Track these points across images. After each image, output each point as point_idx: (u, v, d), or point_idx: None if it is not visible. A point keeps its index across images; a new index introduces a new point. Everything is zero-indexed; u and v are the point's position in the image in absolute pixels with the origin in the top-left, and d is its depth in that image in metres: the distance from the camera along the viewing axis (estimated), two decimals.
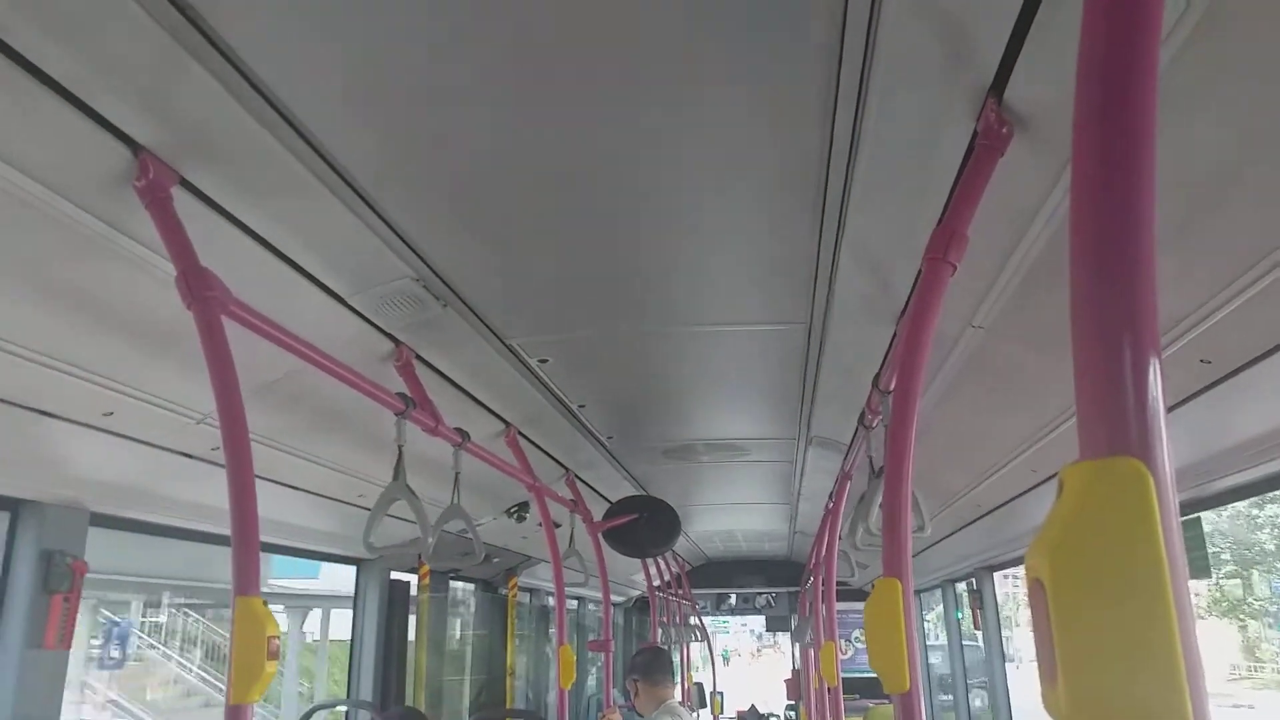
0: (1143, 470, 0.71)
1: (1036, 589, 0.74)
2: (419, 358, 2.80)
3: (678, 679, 9.41)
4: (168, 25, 1.37)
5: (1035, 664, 0.76)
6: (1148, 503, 0.70)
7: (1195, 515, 3.16)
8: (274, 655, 1.65)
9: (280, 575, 14.44)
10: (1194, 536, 3.23)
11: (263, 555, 1.83)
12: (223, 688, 1.73)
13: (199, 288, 1.71)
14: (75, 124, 1.52)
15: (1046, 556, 0.73)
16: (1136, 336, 0.75)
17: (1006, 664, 5.98)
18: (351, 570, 4.93)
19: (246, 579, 1.66)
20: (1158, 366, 0.74)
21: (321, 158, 1.76)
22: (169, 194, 1.70)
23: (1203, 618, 18.06)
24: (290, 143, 1.70)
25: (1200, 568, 3.17)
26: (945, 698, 8.17)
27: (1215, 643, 17.64)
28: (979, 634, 6.05)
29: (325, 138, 1.72)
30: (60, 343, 2.05)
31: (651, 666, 4.81)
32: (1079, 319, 0.78)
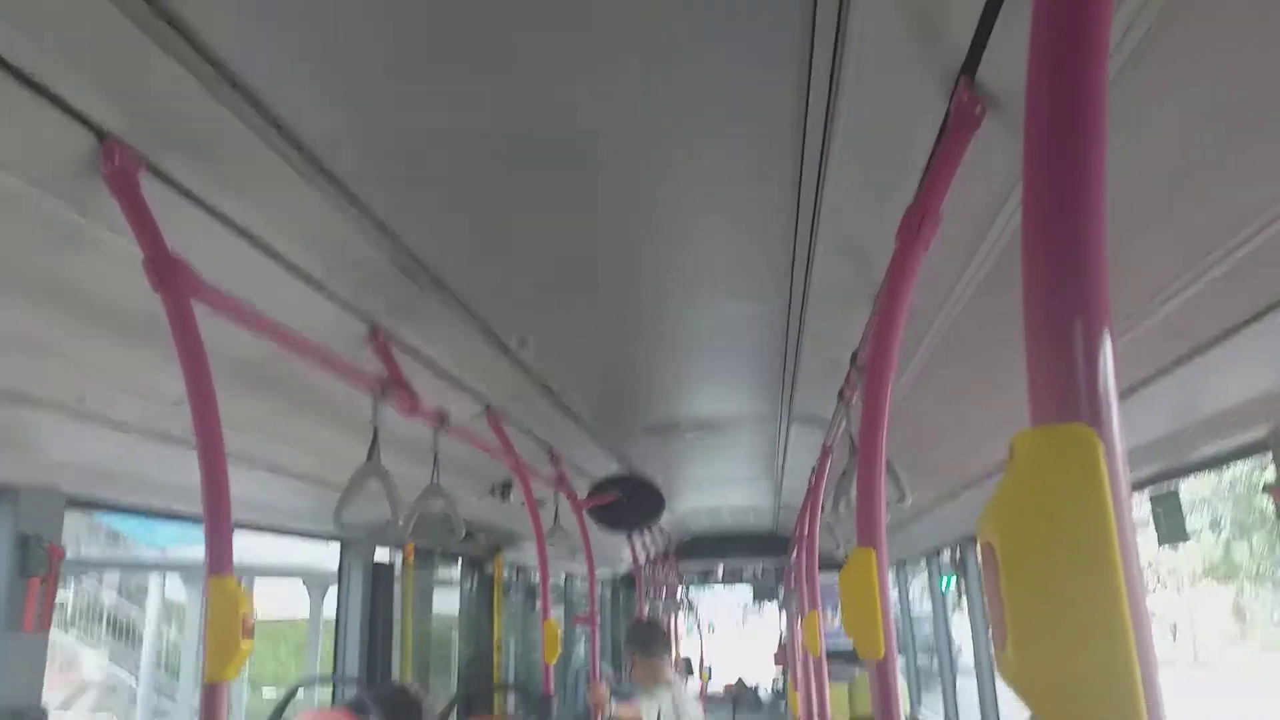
0: (1092, 437, 0.72)
1: (989, 553, 0.75)
2: (396, 340, 2.79)
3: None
4: (129, 10, 1.35)
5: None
6: (1096, 469, 0.71)
7: (1174, 484, 3.19)
8: (249, 633, 1.68)
9: (179, 543, 12.11)
10: (1172, 505, 3.26)
11: (152, 522, 1.86)
12: None
13: (167, 273, 1.69)
14: (38, 111, 1.50)
15: (997, 521, 0.74)
16: (1087, 303, 0.75)
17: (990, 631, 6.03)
18: (280, 541, 4.88)
19: (220, 559, 1.69)
20: (1109, 334, 0.75)
21: (290, 141, 1.74)
22: (136, 180, 1.67)
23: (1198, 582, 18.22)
24: (258, 127, 1.67)
25: (1177, 534, 3.20)
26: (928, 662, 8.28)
27: (1215, 606, 17.79)
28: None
29: (294, 121, 1.70)
30: (31, 328, 2.04)
31: (649, 640, 4.88)
32: (1030, 287, 0.79)
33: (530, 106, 1.73)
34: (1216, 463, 2.89)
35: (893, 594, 7.63)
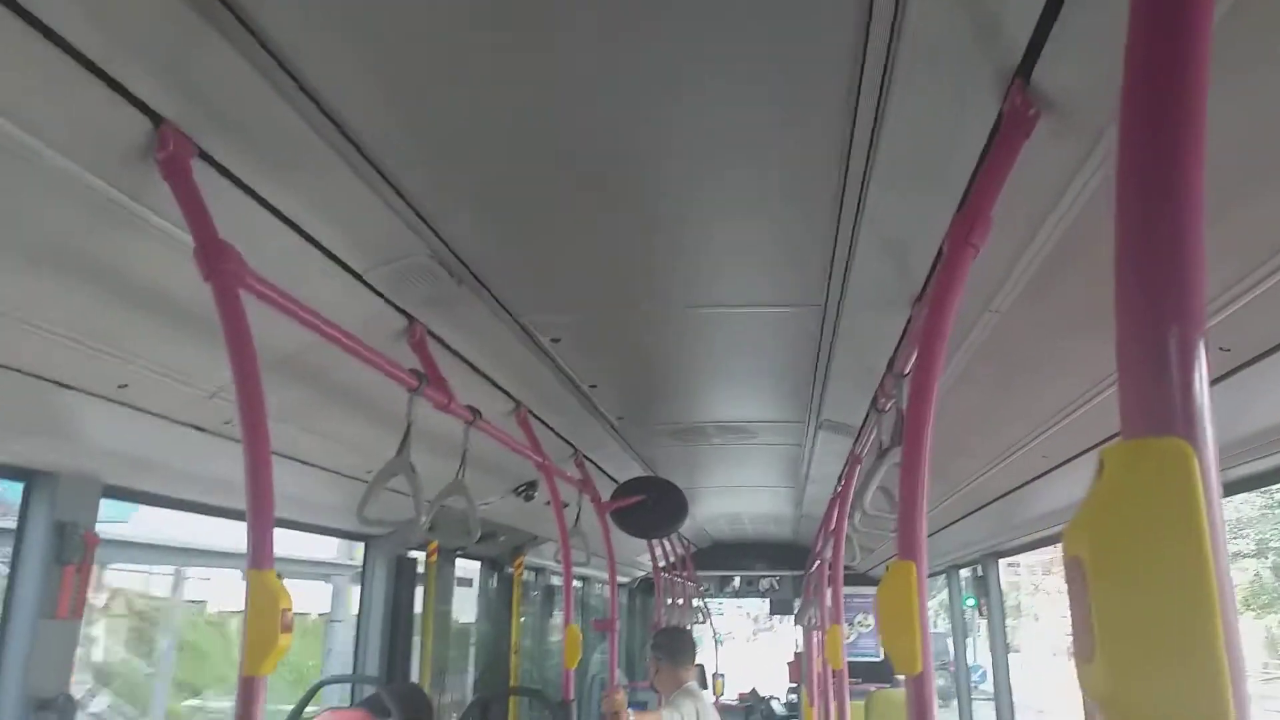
0: (1187, 450, 0.71)
1: (1074, 566, 0.74)
2: (432, 334, 2.80)
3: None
4: None
5: (1071, 644, 0.76)
6: (1192, 483, 0.70)
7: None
8: (287, 628, 1.67)
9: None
10: None
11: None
12: None
13: (217, 260, 1.70)
14: (96, 94, 1.52)
15: (1086, 534, 0.73)
16: (1182, 314, 0.74)
17: (1010, 654, 5.98)
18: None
19: (261, 553, 1.68)
20: (1202, 345, 0.74)
21: (341, 132, 1.76)
22: (188, 166, 1.69)
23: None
24: (310, 116, 1.69)
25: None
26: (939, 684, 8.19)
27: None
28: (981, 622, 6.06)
29: (345, 112, 1.71)
30: (77, 314, 2.06)
31: (676, 647, 4.87)
32: (1123, 297, 0.78)
33: (573, 107, 1.74)
34: (1260, 482, 2.85)
35: None
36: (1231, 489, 2.97)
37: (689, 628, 9.71)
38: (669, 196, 2.11)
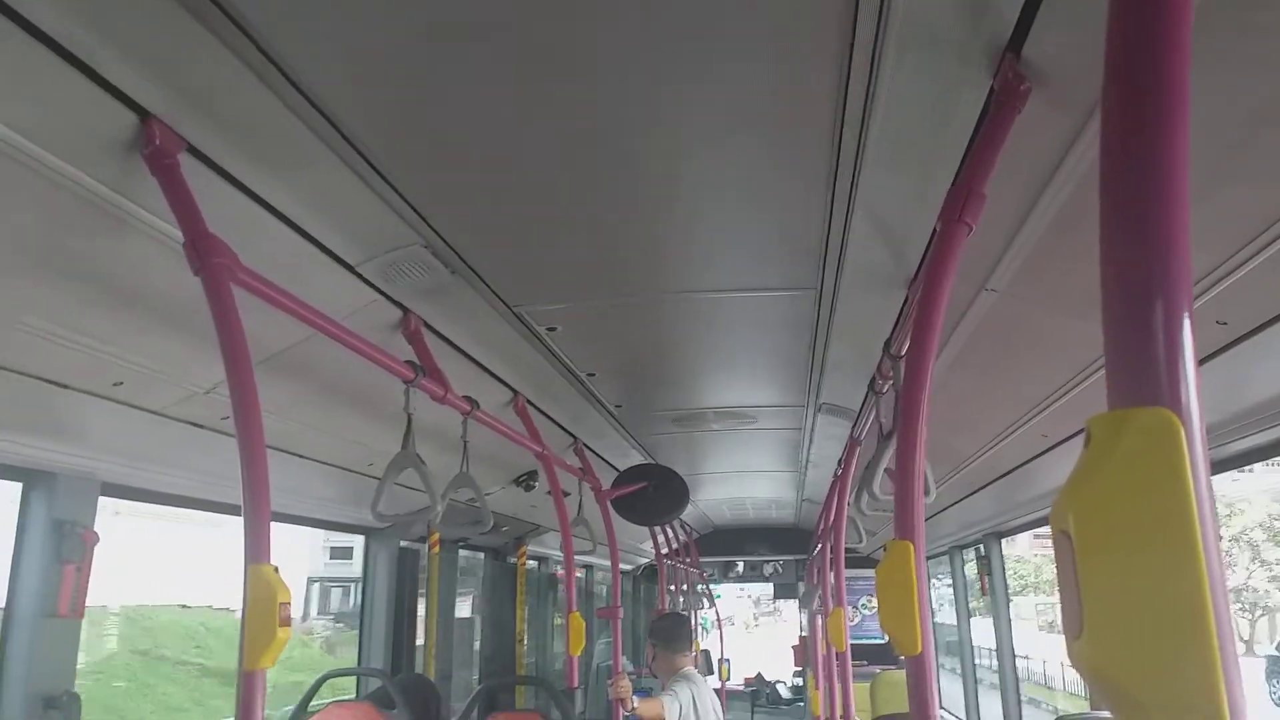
0: (1173, 420, 0.70)
1: (1062, 540, 0.73)
2: (427, 326, 2.79)
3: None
4: None
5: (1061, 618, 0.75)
6: (1178, 453, 0.69)
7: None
8: (285, 621, 1.66)
9: None
10: None
11: None
12: None
13: (207, 254, 1.69)
14: (81, 90, 1.50)
15: (1073, 507, 0.72)
16: (1168, 284, 0.73)
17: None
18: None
19: (258, 547, 1.67)
20: (1189, 315, 0.73)
21: (330, 124, 1.74)
22: (176, 161, 1.68)
23: None
24: (299, 109, 1.68)
25: None
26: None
27: None
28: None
29: (334, 105, 1.70)
30: (68, 312, 2.05)
31: (672, 634, 4.89)
32: (1109, 267, 0.77)
33: (564, 97, 1.73)
34: (1259, 456, 2.84)
35: None
36: (1234, 462, 2.96)
37: (689, 614, 9.75)
38: (662, 182, 2.10)
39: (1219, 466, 3.02)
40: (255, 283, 1.84)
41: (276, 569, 1.69)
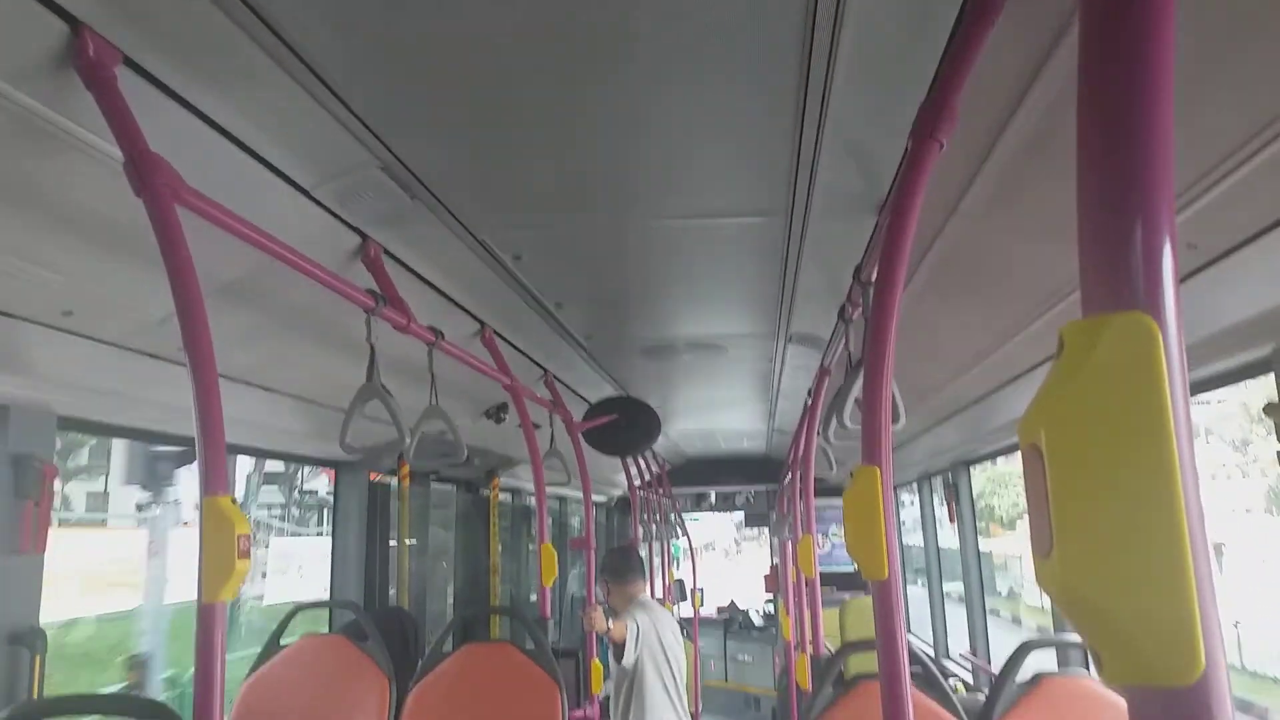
0: (1152, 325, 0.67)
1: (1032, 455, 0.70)
2: (388, 253, 2.73)
3: (660, 576, 9.65)
4: None
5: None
6: (1155, 359, 0.66)
7: None
8: (244, 554, 1.64)
9: None
10: None
11: None
12: None
13: (149, 174, 1.61)
14: None
15: (1044, 419, 0.69)
16: (1149, 189, 0.69)
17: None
18: None
19: (215, 479, 1.64)
20: (1169, 221, 0.69)
21: (279, 39, 1.65)
22: (113, 74, 1.59)
23: None
24: (243, 20, 1.59)
25: None
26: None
27: None
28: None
29: (283, 18, 1.61)
30: (10, 237, 1.97)
31: (620, 567, 5.22)
32: (1086, 164, 0.73)
33: (525, 13, 1.65)
34: (1218, 383, 2.86)
35: None
36: (1202, 386, 2.98)
37: (665, 543, 9.87)
38: (628, 103, 2.03)
39: (1190, 390, 3.03)
40: (202, 204, 1.77)
41: (234, 500, 1.67)
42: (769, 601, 11.79)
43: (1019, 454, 0.73)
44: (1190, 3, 1.29)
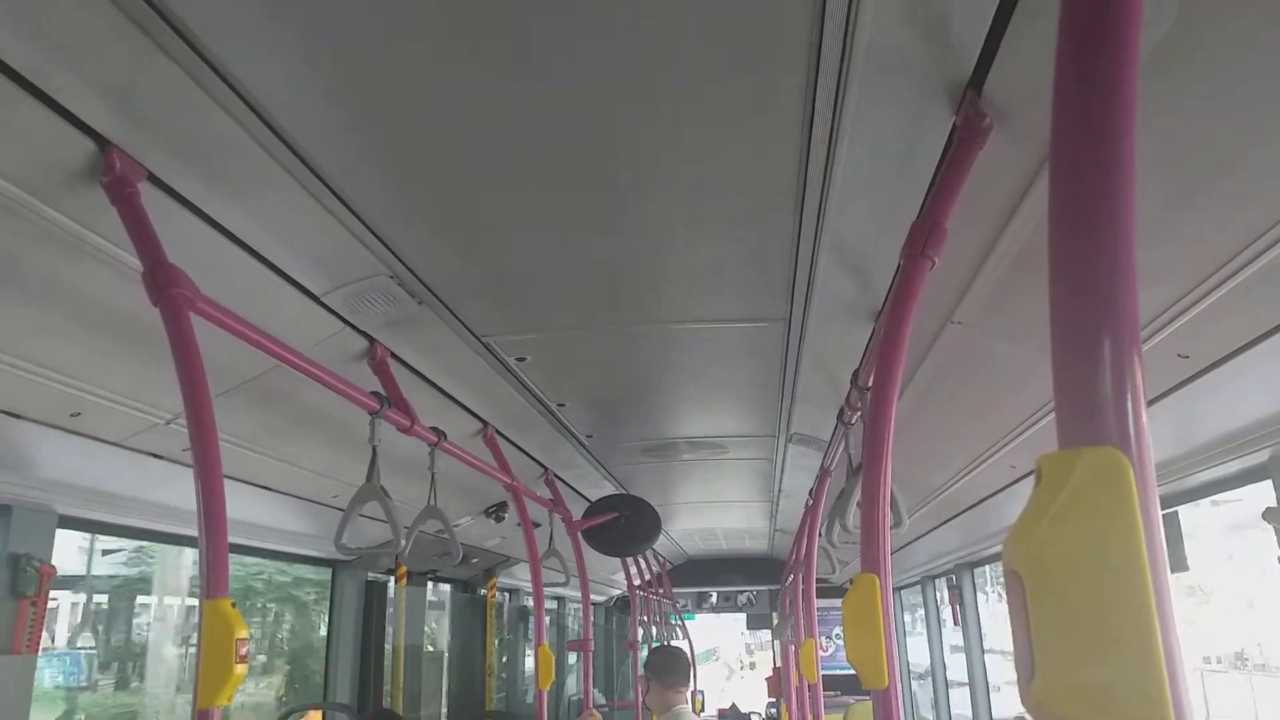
0: (1122, 460, 0.70)
1: (1014, 581, 0.72)
2: (394, 356, 2.77)
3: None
4: (134, 15, 1.33)
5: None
6: (1127, 493, 0.69)
7: (1173, 510, 3.17)
8: (243, 659, 1.62)
9: None
10: (1172, 532, 3.24)
11: None
12: None
13: (166, 284, 1.66)
14: (39, 117, 1.48)
15: (1023, 547, 0.71)
16: (1116, 325, 0.73)
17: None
18: None
19: (216, 582, 1.63)
20: (1137, 355, 0.73)
21: (293, 152, 1.72)
22: (136, 189, 1.66)
23: None
24: (261, 136, 1.66)
25: (1178, 562, 3.18)
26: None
27: None
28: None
29: (296, 131, 1.68)
30: (25, 341, 2.01)
31: (667, 669, 4.63)
32: (1058, 307, 0.77)
33: (532, 125, 1.72)
34: (1221, 487, 2.87)
35: None
36: (1200, 492, 2.98)
37: (667, 643, 9.67)
38: (630, 212, 2.10)
39: (1187, 496, 3.03)
40: (216, 312, 1.82)
41: (234, 604, 1.66)
42: (771, 705, 11.51)
43: None
44: (1182, 122, 1.36)
